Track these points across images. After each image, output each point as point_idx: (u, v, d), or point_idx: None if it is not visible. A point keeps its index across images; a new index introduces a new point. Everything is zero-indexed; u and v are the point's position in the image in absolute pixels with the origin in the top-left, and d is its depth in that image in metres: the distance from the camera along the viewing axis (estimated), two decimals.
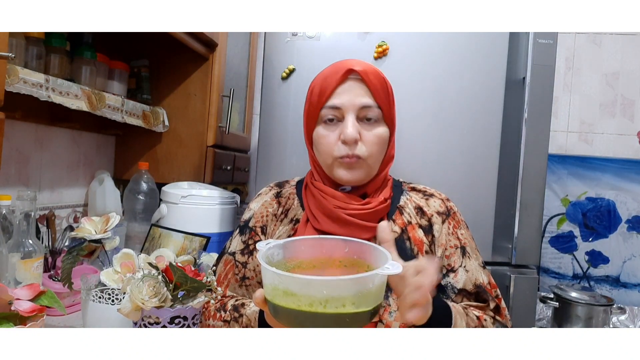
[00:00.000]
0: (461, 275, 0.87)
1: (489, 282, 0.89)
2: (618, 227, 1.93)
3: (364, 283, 0.57)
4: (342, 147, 0.84)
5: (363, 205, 0.87)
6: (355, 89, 0.85)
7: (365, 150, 0.85)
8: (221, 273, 0.94)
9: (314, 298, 0.55)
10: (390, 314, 0.81)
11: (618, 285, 1.93)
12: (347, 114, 0.84)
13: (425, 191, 0.95)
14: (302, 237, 0.72)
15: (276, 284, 0.58)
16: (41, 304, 0.83)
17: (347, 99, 0.84)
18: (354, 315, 0.56)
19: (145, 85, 1.63)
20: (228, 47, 1.74)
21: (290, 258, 0.68)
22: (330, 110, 0.85)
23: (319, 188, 0.89)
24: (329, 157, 0.86)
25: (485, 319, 0.84)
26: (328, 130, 0.86)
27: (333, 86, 0.85)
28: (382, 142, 0.87)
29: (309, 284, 0.56)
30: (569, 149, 1.97)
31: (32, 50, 1.14)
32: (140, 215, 1.52)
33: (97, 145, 1.64)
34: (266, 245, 0.66)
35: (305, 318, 0.56)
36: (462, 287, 0.86)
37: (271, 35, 1.29)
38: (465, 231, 0.92)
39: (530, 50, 1.26)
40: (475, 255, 0.91)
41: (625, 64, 1.94)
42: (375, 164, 0.88)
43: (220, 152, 1.72)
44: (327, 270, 0.68)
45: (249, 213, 0.97)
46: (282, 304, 0.58)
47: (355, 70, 0.84)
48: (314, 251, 0.69)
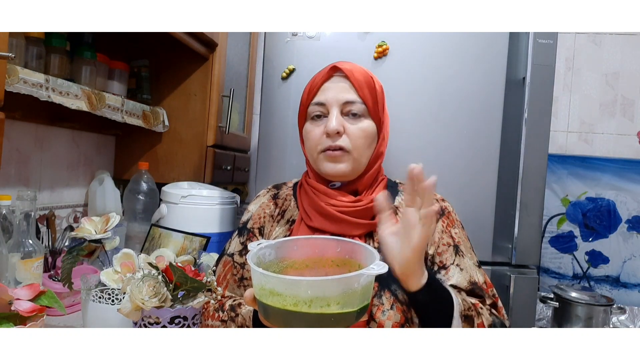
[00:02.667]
0: (453, 272, 0.86)
1: (485, 281, 0.89)
2: (618, 227, 1.93)
3: (349, 283, 0.57)
4: (325, 140, 0.87)
5: (354, 203, 0.88)
6: (339, 85, 0.89)
7: (349, 142, 0.87)
8: (220, 274, 0.96)
9: (299, 298, 0.56)
10: (383, 312, 0.81)
11: (618, 285, 1.93)
12: (332, 108, 0.88)
13: None
14: (295, 237, 0.73)
15: (263, 284, 0.59)
16: (41, 304, 0.83)
17: (331, 95, 0.88)
18: (339, 315, 0.57)
19: (145, 85, 1.63)
20: (228, 47, 1.74)
21: (282, 258, 0.69)
22: (316, 106, 0.89)
23: (312, 185, 0.91)
24: (314, 151, 0.89)
25: (481, 307, 0.83)
26: (314, 126, 0.90)
27: (319, 84, 0.90)
28: (368, 136, 0.89)
29: (294, 284, 0.57)
30: (569, 149, 1.97)
31: (32, 50, 1.14)
32: (140, 215, 1.52)
33: (97, 145, 1.64)
34: (257, 246, 0.67)
35: (291, 317, 0.57)
36: (454, 284, 0.86)
37: (271, 35, 1.29)
38: (460, 230, 0.92)
39: (530, 50, 1.26)
40: (470, 254, 0.91)
41: (625, 64, 1.94)
42: (362, 157, 0.89)
43: (220, 152, 1.72)
44: (319, 270, 0.68)
45: (248, 215, 0.99)
46: (269, 303, 0.59)
47: (339, 67, 0.89)
48: (307, 251, 0.70)
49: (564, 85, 1.97)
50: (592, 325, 1.52)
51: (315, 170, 0.92)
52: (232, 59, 1.82)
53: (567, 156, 1.95)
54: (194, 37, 1.51)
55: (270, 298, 0.58)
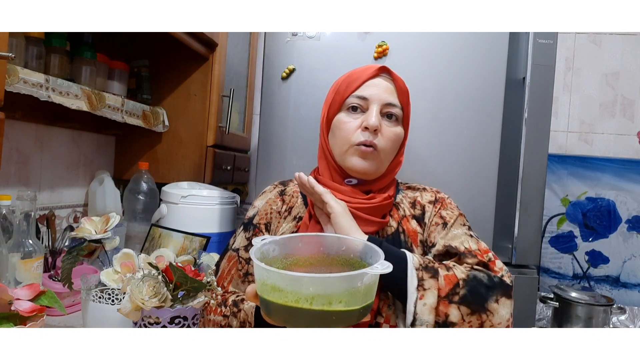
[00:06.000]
0: (439, 245, 0.86)
1: (479, 247, 0.86)
2: (618, 227, 1.93)
3: (351, 281, 0.57)
4: (362, 133, 0.87)
5: (368, 200, 0.88)
6: (384, 85, 0.90)
7: (383, 143, 0.88)
8: (224, 269, 0.95)
9: (301, 295, 0.56)
10: (389, 306, 0.82)
11: (618, 285, 1.93)
12: (372, 105, 0.88)
13: (419, 187, 0.98)
14: (299, 234, 0.73)
15: (265, 279, 0.59)
16: (41, 304, 0.83)
17: (375, 92, 0.89)
18: (341, 314, 0.56)
19: (145, 85, 1.63)
20: (228, 47, 1.74)
21: (287, 254, 0.68)
22: (357, 99, 0.89)
23: (324, 183, 0.90)
24: (346, 143, 0.89)
25: (454, 264, 0.81)
26: (350, 117, 0.90)
27: (364, 78, 0.90)
28: (397, 142, 0.91)
29: (296, 280, 0.57)
30: (569, 149, 1.97)
31: (32, 50, 1.14)
32: (140, 215, 1.52)
33: (97, 145, 1.64)
34: (261, 242, 0.67)
35: (292, 314, 0.57)
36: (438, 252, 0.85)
37: (271, 35, 1.29)
38: (452, 212, 0.91)
39: (530, 50, 1.26)
40: (461, 226, 0.89)
41: (625, 64, 1.94)
42: (386, 160, 0.91)
43: (220, 152, 1.72)
44: (324, 268, 0.68)
45: (254, 210, 0.97)
46: (270, 299, 0.58)
47: (387, 69, 0.91)
48: (311, 248, 0.70)
49: (564, 85, 1.97)
50: (592, 325, 1.52)
51: (333, 165, 0.92)
52: (232, 59, 1.82)
53: (567, 156, 1.95)
54: (194, 37, 1.51)
55: (272, 294, 0.58)
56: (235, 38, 1.85)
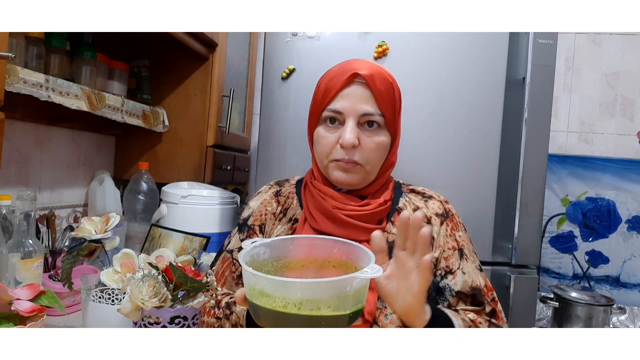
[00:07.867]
0: (459, 277, 0.86)
1: (486, 284, 0.88)
2: (618, 227, 1.93)
3: (340, 286, 0.56)
4: (339, 150, 0.84)
5: (362, 207, 0.86)
6: (359, 94, 0.84)
7: (363, 157, 0.84)
8: (218, 270, 0.95)
9: (288, 300, 0.55)
10: (386, 316, 0.81)
11: (618, 285, 1.93)
12: (348, 118, 0.84)
13: (424, 193, 0.94)
14: (290, 237, 0.72)
15: (253, 284, 0.58)
16: (41, 304, 0.83)
17: (349, 104, 0.84)
18: (329, 319, 0.56)
19: (145, 85, 1.63)
20: (228, 47, 1.74)
21: (277, 257, 0.67)
22: (332, 112, 0.85)
23: (318, 188, 0.89)
24: (325, 158, 0.87)
25: (480, 322, 0.84)
26: (327, 132, 0.86)
27: (337, 88, 0.84)
28: (382, 149, 0.87)
29: (283, 285, 0.56)
30: (569, 149, 1.97)
31: (32, 50, 1.14)
32: (140, 215, 1.52)
33: (97, 145, 1.64)
34: (251, 244, 0.65)
35: (280, 319, 0.56)
36: (459, 290, 0.86)
37: (271, 35, 1.29)
38: (464, 233, 0.92)
39: (530, 50, 1.26)
40: (472, 257, 0.90)
41: (625, 64, 1.94)
42: (374, 169, 0.87)
43: (220, 152, 1.72)
44: (315, 270, 0.67)
45: (248, 211, 0.97)
46: (258, 304, 0.58)
47: (360, 74, 0.83)
48: (303, 251, 0.68)
49: (564, 85, 1.97)
50: (592, 325, 1.52)
51: (322, 174, 0.91)
52: (232, 59, 1.82)
53: (567, 156, 1.95)
54: (194, 37, 1.51)
55: (260, 299, 0.57)
56: (235, 38, 1.85)
